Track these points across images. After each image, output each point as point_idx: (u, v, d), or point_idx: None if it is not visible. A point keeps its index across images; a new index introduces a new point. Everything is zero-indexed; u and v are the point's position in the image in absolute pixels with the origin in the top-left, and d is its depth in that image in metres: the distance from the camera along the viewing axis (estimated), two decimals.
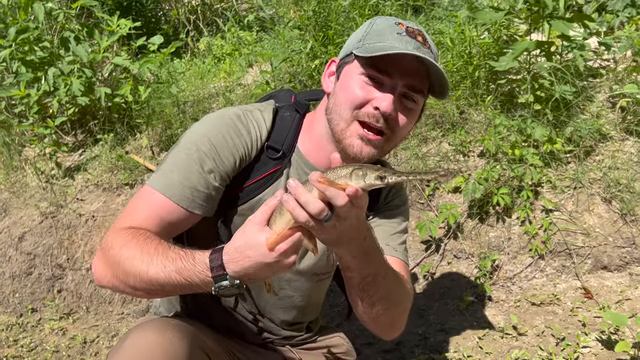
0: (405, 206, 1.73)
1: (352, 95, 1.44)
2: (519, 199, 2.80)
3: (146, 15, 4.95)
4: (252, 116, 1.54)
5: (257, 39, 4.42)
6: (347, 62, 1.49)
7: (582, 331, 2.47)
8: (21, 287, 3.28)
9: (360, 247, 1.27)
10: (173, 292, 1.35)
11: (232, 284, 1.23)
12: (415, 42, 1.42)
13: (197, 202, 1.44)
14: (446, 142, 3.12)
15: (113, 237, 1.38)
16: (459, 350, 2.51)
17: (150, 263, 1.29)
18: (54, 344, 2.96)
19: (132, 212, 1.44)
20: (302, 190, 1.13)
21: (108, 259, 1.37)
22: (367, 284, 1.36)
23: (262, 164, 1.54)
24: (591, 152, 2.90)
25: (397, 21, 1.47)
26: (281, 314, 1.72)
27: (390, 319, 1.50)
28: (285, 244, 1.18)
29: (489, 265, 2.74)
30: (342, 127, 1.45)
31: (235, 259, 1.22)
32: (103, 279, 1.39)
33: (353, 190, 1.10)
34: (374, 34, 1.46)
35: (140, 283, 1.31)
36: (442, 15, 3.61)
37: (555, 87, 2.83)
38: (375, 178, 1.13)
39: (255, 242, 1.20)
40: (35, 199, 3.56)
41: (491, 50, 3.14)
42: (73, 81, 3.43)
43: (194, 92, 3.86)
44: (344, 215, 1.14)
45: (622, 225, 2.68)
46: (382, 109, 1.40)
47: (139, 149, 3.68)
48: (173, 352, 1.28)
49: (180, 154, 1.45)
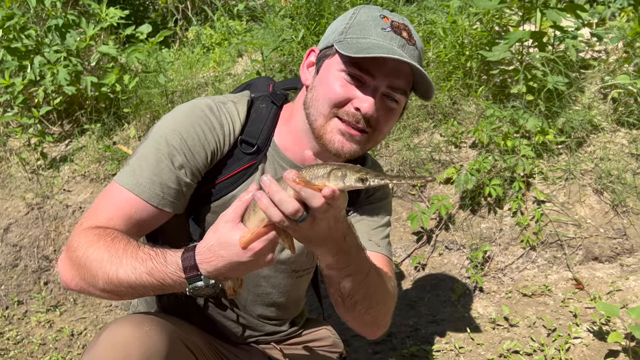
0: (387, 199, 1.69)
1: (332, 92, 1.37)
2: (511, 190, 2.79)
3: (134, 4, 4.88)
4: (225, 108, 1.47)
5: (247, 29, 4.36)
6: (327, 55, 1.42)
7: (573, 322, 2.47)
8: (7, 279, 3.22)
9: (340, 246, 1.22)
10: (144, 293, 1.29)
11: (206, 284, 1.19)
12: (400, 38, 1.36)
13: (167, 199, 1.38)
14: (438, 133, 3.10)
15: (79, 237, 1.31)
16: (451, 342, 2.50)
17: (120, 265, 1.23)
18: (41, 336, 2.91)
19: (99, 211, 1.37)
20: (276, 188, 1.08)
21: (74, 261, 1.30)
22: (348, 283, 1.31)
23: (235, 159, 1.48)
24: (583, 143, 2.90)
25: (382, 14, 1.41)
26: (260, 309, 1.68)
27: (373, 318, 1.45)
28: (260, 243, 1.14)
29: (481, 256, 2.73)
30: (321, 122, 1.39)
31: (208, 258, 1.17)
32: (70, 281, 1.32)
33: (330, 192, 1.04)
34: (356, 27, 1.39)
35: (109, 285, 1.25)
36: (434, 5, 3.58)
37: (548, 78, 2.81)
38: (356, 180, 1.06)
39: (228, 241, 1.15)
40: (21, 190, 3.50)
41: (483, 40, 3.12)
42: (59, 70, 3.36)
43: (183, 82, 3.80)
44: (320, 216, 1.09)
45: (613, 217, 2.68)
46: (363, 110, 1.34)
47: (127, 140, 3.62)
48: (151, 345, 1.23)
49: (149, 149, 1.38)
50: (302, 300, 1.84)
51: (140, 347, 1.21)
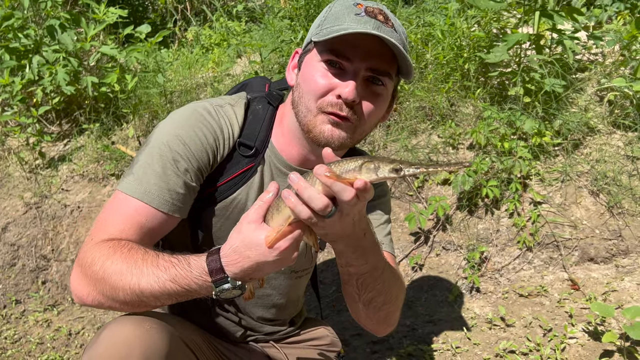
0: (386, 197, 1.69)
1: (314, 84, 1.35)
2: (508, 191, 2.81)
3: (133, 4, 4.88)
4: (223, 111, 1.46)
5: (246, 29, 4.38)
6: (307, 51, 1.41)
7: (569, 322, 2.49)
8: (5, 279, 3.22)
9: (360, 242, 1.23)
10: (167, 301, 1.27)
11: (233, 286, 1.19)
12: (375, 21, 1.33)
13: (176, 205, 1.38)
14: (436, 134, 3.12)
15: (92, 252, 1.29)
16: (447, 342, 2.52)
17: (141, 275, 1.22)
18: (39, 335, 2.92)
19: (109, 223, 1.35)
20: (304, 184, 1.07)
21: (90, 276, 1.28)
22: (365, 279, 1.33)
23: (234, 162, 1.48)
24: (579, 145, 2.92)
25: (356, 2, 1.38)
26: (260, 311, 1.69)
27: (386, 314, 1.47)
28: (286, 242, 1.14)
29: (478, 257, 2.75)
30: (310, 118, 1.38)
31: (234, 260, 1.18)
32: (86, 297, 1.30)
33: (362, 184, 1.04)
34: (331, 17, 1.37)
35: (131, 297, 1.24)
36: (433, 7, 3.60)
37: (545, 80, 2.84)
38: (390, 171, 1.04)
39: (254, 241, 1.16)
40: (19, 189, 3.50)
41: (481, 43, 3.14)
42: (58, 70, 3.37)
43: (182, 82, 3.81)
44: (347, 210, 1.09)
45: (609, 218, 2.71)
46: (344, 95, 1.31)
47: (125, 139, 3.63)
48: (152, 343, 1.22)
49: (152, 156, 1.37)
50: (301, 300, 1.85)
51: (141, 346, 1.20)
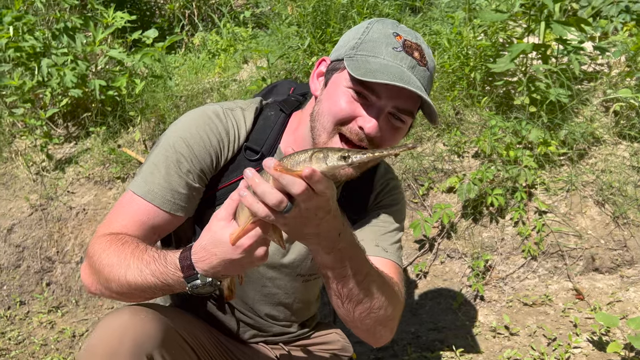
0: (398, 206, 1.67)
1: (337, 108, 1.37)
2: (513, 200, 2.82)
3: (141, 9, 4.92)
4: (233, 115, 1.50)
5: (252, 35, 4.40)
6: (337, 69, 1.42)
7: (573, 332, 2.49)
8: (9, 280, 3.23)
9: (335, 244, 1.20)
10: (154, 294, 1.34)
11: (204, 282, 1.22)
12: (412, 59, 1.36)
13: (179, 204, 1.43)
14: (441, 142, 3.13)
15: (94, 245, 1.38)
16: (452, 349, 2.52)
17: (128, 268, 1.28)
18: (43, 337, 2.92)
19: (114, 218, 1.43)
20: (258, 180, 1.07)
21: (92, 267, 1.37)
22: (345, 284, 1.28)
23: (239, 165, 1.49)
24: (584, 155, 2.93)
25: (395, 31, 1.40)
26: (267, 309, 1.70)
27: (374, 324, 1.40)
28: (248, 239, 1.14)
29: (482, 265, 2.76)
30: (324, 139, 1.39)
31: (203, 257, 1.20)
32: (91, 286, 1.40)
33: (309, 171, 1.01)
34: (368, 43, 1.39)
35: (121, 288, 1.31)
36: (439, 16, 3.62)
37: (551, 90, 2.85)
38: (338, 159, 1.04)
39: (219, 239, 1.17)
40: (25, 190, 3.51)
41: (487, 52, 3.16)
42: (66, 72, 3.39)
43: (188, 87, 3.83)
44: (304, 205, 1.07)
45: (614, 228, 2.71)
46: (367, 130, 1.34)
47: (132, 143, 3.64)
48: (144, 331, 1.27)
49: (159, 157, 1.44)
50: (313, 304, 1.85)
51: (135, 332, 1.25)
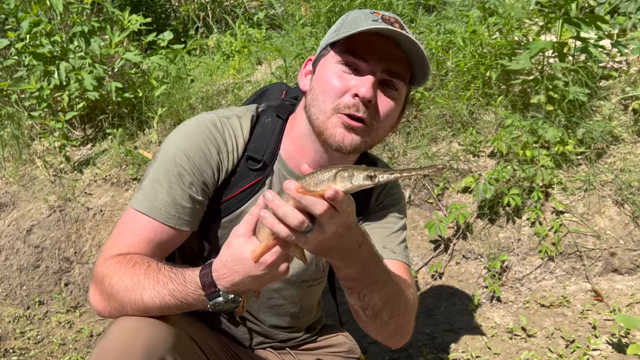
0: (399, 205, 1.65)
1: (329, 85, 1.36)
2: (530, 200, 2.79)
3: (156, 11, 4.96)
4: (229, 124, 1.47)
5: (266, 36, 4.41)
6: (322, 55, 1.42)
7: (592, 334, 2.45)
8: (28, 280, 3.28)
9: (355, 256, 1.20)
10: (172, 313, 1.30)
11: (226, 299, 1.21)
12: (392, 28, 1.34)
13: (184, 218, 1.40)
14: (456, 142, 3.11)
15: (102, 268, 1.34)
16: (467, 351, 2.50)
17: (144, 290, 1.25)
18: (61, 336, 2.96)
19: (120, 238, 1.39)
20: (279, 202, 1.06)
21: (102, 291, 1.33)
22: (367, 293, 1.29)
23: (241, 175, 1.48)
24: (602, 154, 2.89)
25: (373, 11, 1.40)
26: (274, 320, 1.69)
27: (395, 328, 1.42)
28: (271, 255, 1.13)
29: (498, 265, 2.73)
30: (323, 119, 1.37)
31: (224, 274, 1.19)
32: (103, 311, 1.35)
33: (332, 192, 1.00)
34: (348, 23, 1.39)
35: (138, 312, 1.28)
36: (454, 15, 3.60)
37: (569, 88, 2.81)
38: (364, 178, 1.01)
39: (241, 255, 1.16)
40: (44, 192, 3.56)
41: (503, 50, 3.13)
42: (84, 76, 3.43)
43: (203, 89, 3.85)
44: (326, 223, 1.06)
45: (634, 228, 2.67)
46: (362, 94, 1.32)
47: (148, 144, 3.68)
48: (156, 334, 1.24)
49: (159, 171, 1.40)
50: (316, 308, 1.84)
51: (146, 335, 1.23)
